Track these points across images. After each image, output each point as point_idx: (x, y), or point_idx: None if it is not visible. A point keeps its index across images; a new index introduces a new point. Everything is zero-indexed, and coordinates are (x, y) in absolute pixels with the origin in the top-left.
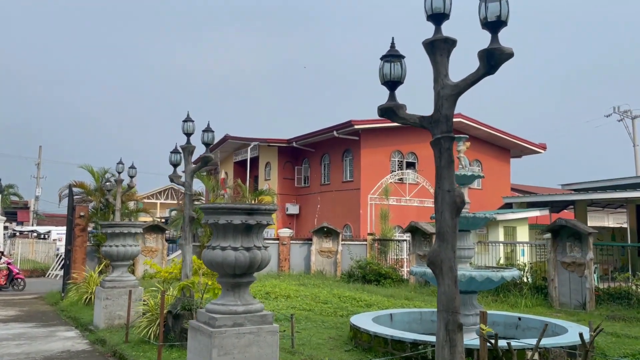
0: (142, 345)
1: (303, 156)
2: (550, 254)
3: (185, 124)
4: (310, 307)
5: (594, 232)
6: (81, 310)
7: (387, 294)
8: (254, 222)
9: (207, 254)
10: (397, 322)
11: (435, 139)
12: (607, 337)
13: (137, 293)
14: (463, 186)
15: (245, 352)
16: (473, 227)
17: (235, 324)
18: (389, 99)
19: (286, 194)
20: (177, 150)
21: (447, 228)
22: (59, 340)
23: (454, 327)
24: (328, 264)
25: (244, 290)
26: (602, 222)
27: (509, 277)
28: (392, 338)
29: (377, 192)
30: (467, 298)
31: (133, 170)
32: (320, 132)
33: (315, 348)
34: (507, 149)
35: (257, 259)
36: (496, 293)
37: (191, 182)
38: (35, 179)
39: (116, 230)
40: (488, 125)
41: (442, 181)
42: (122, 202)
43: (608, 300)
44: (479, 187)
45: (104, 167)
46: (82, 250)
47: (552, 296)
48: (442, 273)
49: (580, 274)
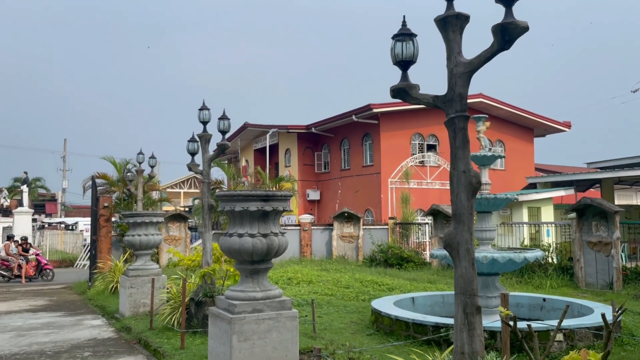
0: (165, 332)
1: (322, 142)
2: (576, 234)
3: (202, 112)
4: (332, 292)
5: (621, 211)
6: (107, 298)
7: (410, 278)
8: (270, 209)
9: (224, 241)
10: (419, 305)
11: (449, 118)
12: (635, 317)
13: (160, 281)
14: (483, 167)
15: (265, 338)
16: (494, 208)
17: (254, 310)
18: (402, 79)
19: (306, 180)
20: (194, 139)
21: (463, 210)
22: (85, 328)
23: (472, 310)
24: (350, 249)
25: (262, 276)
26: (631, 201)
27: (532, 258)
28: (413, 321)
29: (398, 176)
30: (489, 280)
31: (153, 160)
32: (339, 117)
33: (336, 332)
34: (530, 129)
35: (274, 245)
36: (520, 274)
37: (209, 170)
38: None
39: (138, 220)
40: (510, 104)
41: (457, 162)
42: (144, 192)
43: (636, 280)
44: (502, 168)
45: (125, 158)
46: (107, 240)
47: (578, 276)
48: (459, 255)
49: (606, 253)
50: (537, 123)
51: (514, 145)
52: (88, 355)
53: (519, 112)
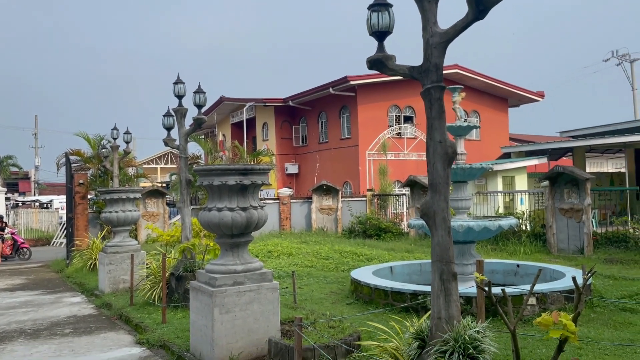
0: (146, 307)
1: (300, 115)
2: (548, 201)
3: (176, 86)
4: (312, 264)
5: (592, 178)
6: (86, 276)
7: (388, 248)
8: (248, 182)
9: (203, 216)
10: (397, 274)
11: (425, 89)
12: (605, 280)
13: (139, 257)
14: (459, 137)
15: (246, 310)
16: (469, 177)
17: (235, 283)
18: (378, 50)
19: (285, 154)
20: (169, 114)
21: (440, 179)
22: (65, 306)
23: (448, 276)
24: (329, 221)
25: (243, 249)
26: (601, 168)
27: (506, 226)
28: (392, 290)
29: (375, 148)
30: (465, 248)
31: (128, 136)
32: (316, 90)
33: (317, 303)
34: (504, 99)
35: (253, 219)
36: (495, 242)
37: (185, 145)
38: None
39: (114, 196)
40: (485, 75)
41: (433, 132)
42: (120, 168)
43: (606, 245)
44: (478, 139)
45: (99, 134)
46: (83, 218)
47: (551, 243)
48: (436, 224)
49: (578, 219)
50: (511, 93)
51: (489, 115)
52: (69, 332)
53: (493, 82)
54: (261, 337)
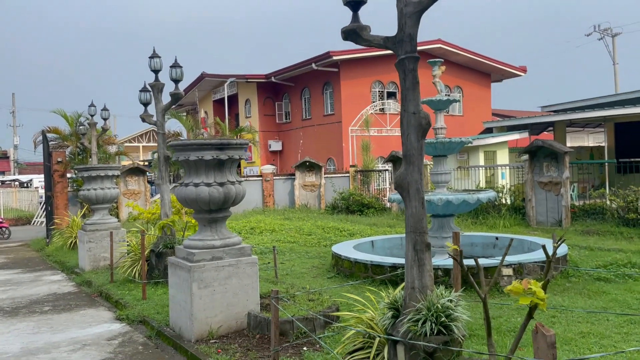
0: (127, 284)
1: (283, 91)
2: (528, 175)
3: (152, 60)
4: (294, 240)
5: (570, 151)
6: (66, 254)
7: (370, 223)
8: (225, 157)
9: (180, 191)
10: (378, 248)
11: (399, 59)
12: (581, 251)
13: (119, 234)
14: (439, 111)
15: (225, 284)
16: (449, 152)
17: (213, 258)
18: (352, 20)
19: (268, 131)
20: (146, 89)
21: (414, 151)
22: (45, 284)
23: (421, 247)
24: (312, 198)
25: (221, 224)
26: (582, 142)
27: (485, 199)
28: (371, 263)
29: (358, 124)
30: (444, 221)
31: (106, 113)
32: (299, 65)
33: (298, 277)
34: (487, 74)
35: (231, 194)
36: (475, 215)
37: (163, 120)
38: (12, 127)
39: (92, 174)
40: (468, 50)
41: (407, 103)
42: (100, 146)
43: (583, 217)
44: (460, 114)
45: (77, 111)
46: (63, 196)
47: (530, 215)
48: (410, 195)
49: (556, 192)
50: (494, 68)
51: (472, 90)
52: (48, 309)
53: (476, 57)
54: (240, 311)
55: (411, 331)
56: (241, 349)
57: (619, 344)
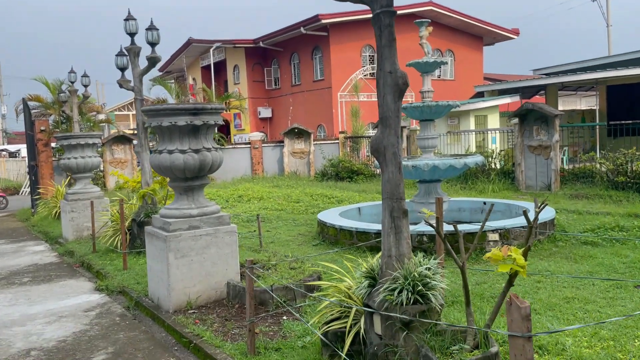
0: (109, 254)
1: (272, 57)
2: (518, 139)
3: (127, 22)
4: (282, 207)
5: (560, 114)
6: (51, 224)
7: (359, 190)
8: (200, 123)
9: (154, 159)
10: (365, 215)
11: (374, 14)
12: (569, 215)
13: (102, 204)
14: (426, 74)
15: (203, 254)
16: (436, 115)
17: (190, 227)
18: None
19: (257, 98)
20: (122, 53)
21: (390, 112)
22: (27, 255)
23: (399, 213)
24: (301, 165)
25: (198, 193)
26: (575, 106)
27: (472, 164)
28: (356, 230)
29: (348, 89)
30: (431, 187)
31: (87, 79)
32: (288, 30)
33: (283, 245)
34: (479, 37)
35: (207, 161)
36: (465, 180)
37: (140, 86)
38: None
39: (72, 142)
40: (460, 12)
41: (384, 62)
42: (84, 114)
43: (573, 181)
44: (452, 78)
45: (59, 78)
46: (48, 166)
47: (519, 180)
48: (386, 160)
49: (546, 156)
50: (486, 31)
51: (464, 54)
52: (27, 280)
53: (468, 20)
54: (220, 280)
55: (387, 300)
56: (219, 319)
57: (604, 308)
